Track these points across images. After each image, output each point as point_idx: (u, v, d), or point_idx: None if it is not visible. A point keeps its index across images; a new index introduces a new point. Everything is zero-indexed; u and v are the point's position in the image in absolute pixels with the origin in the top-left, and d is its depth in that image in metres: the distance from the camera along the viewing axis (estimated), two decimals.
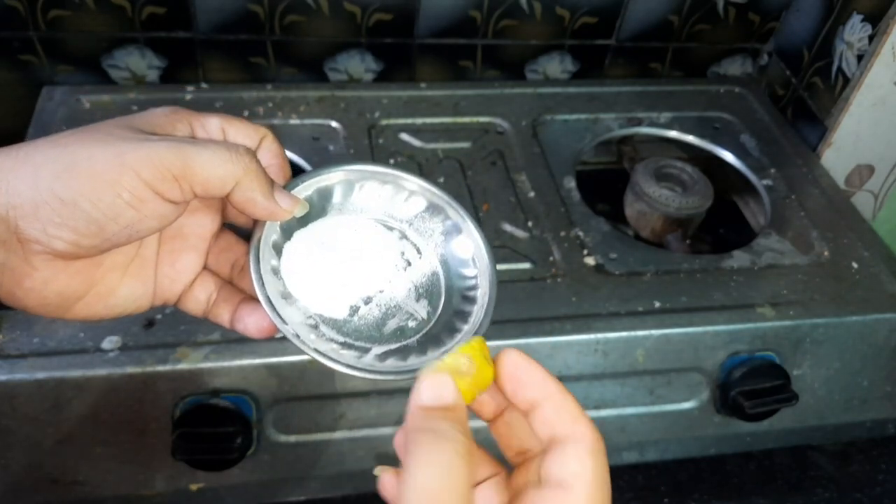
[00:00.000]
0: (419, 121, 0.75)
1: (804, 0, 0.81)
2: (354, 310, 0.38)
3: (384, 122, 0.74)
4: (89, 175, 0.30)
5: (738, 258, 0.65)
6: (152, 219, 0.31)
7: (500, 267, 0.62)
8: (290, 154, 0.70)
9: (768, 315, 0.59)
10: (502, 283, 0.60)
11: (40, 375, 0.49)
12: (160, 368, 0.51)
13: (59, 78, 0.75)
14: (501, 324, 0.56)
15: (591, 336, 0.56)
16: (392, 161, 0.70)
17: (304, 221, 0.38)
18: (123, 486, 0.54)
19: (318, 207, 0.39)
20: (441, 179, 0.69)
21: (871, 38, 0.71)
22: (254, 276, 0.34)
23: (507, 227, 0.65)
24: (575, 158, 0.73)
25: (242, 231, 0.38)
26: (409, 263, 0.40)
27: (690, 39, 0.86)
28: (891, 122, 0.76)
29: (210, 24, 0.75)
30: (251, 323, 0.36)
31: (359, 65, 0.81)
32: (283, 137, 0.71)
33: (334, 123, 0.73)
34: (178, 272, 0.37)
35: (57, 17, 0.71)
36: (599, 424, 0.60)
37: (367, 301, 0.38)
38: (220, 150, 0.32)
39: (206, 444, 0.51)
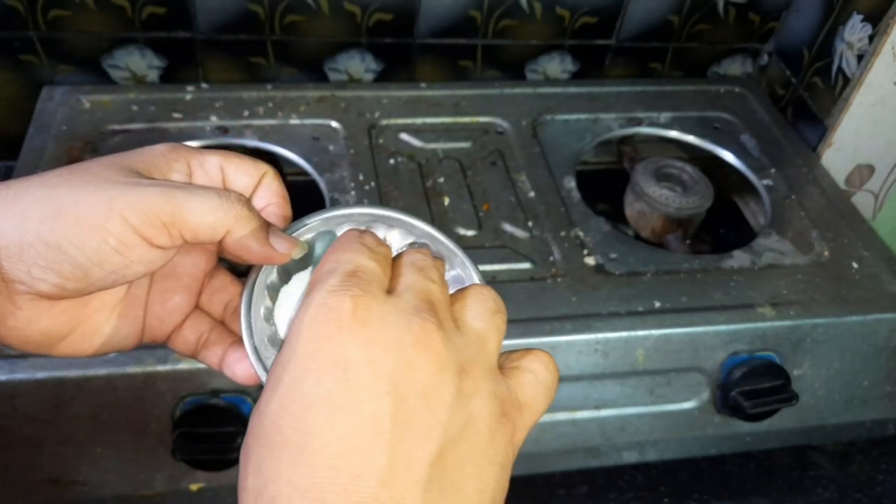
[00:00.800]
0: (419, 121, 0.75)
1: (804, 0, 0.81)
2: None
3: (384, 122, 0.74)
4: (76, 219, 0.29)
5: (739, 258, 0.65)
6: (139, 264, 0.31)
7: (500, 267, 0.62)
8: (290, 154, 0.70)
9: (768, 315, 0.59)
10: (503, 283, 0.60)
11: (40, 375, 0.49)
12: (160, 368, 0.51)
13: (60, 78, 0.75)
14: None
15: (591, 336, 0.56)
16: (392, 161, 0.70)
17: (304, 264, 0.36)
18: (123, 486, 0.54)
19: (321, 250, 0.37)
20: (441, 179, 0.69)
21: (871, 38, 0.71)
22: (243, 323, 0.33)
23: (507, 227, 0.65)
24: (575, 158, 0.73)
25: (239, 269, 0.37)
26: None
27: (690, 39, 0.86)
28: (891, 121, 0.76)
29: (210, 23, 0.75)
30: (239, 370, 0.35)
31: (359, 65, 0.81)
32: (284, 137, 0.71)
33: (334, 123, 0.73)
34: (168, 312, 0.36)
35: (57, 17, 0.71)
36: (600, 424, 0.60)
37: None
38: (212, 197, 0.31)
39: (206, 444, 0.51)
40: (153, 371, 0.51)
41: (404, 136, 0.73)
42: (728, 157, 0.77)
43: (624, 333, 0.57)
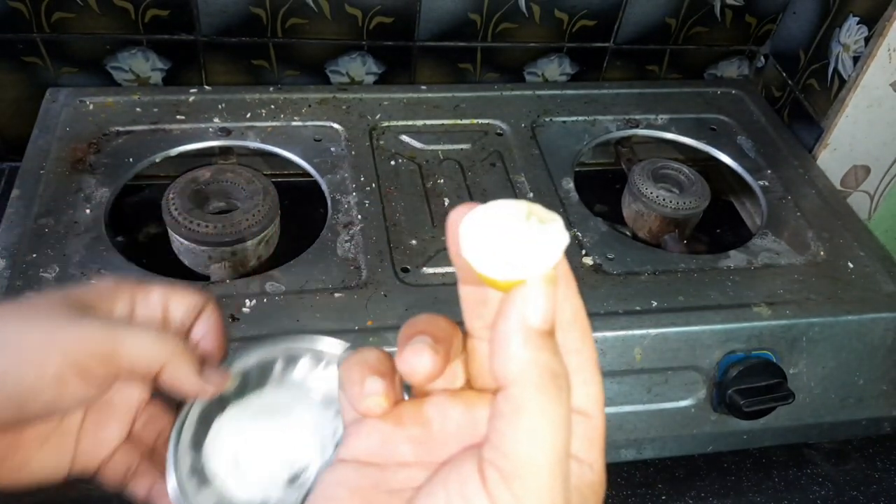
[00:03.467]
0: (419, 122, 0.76)
1: (800, 2, 0.82)
2: (274, 491, 0.36)
3: (385, 123, 0.75)
4: (17, 352, 0.30)
5: (735, 258, 0.65)
6: (74, 399, 0.31)
7: None
8: (292, 155, 0.70)
9: (764, 314, 0.60)
10: None
11: None
12: None
13: (63, 80, 0.76)
14: None
15: None
16: (392, 162, 0.71)
17: (240, 393, 0.37)
18: None
19: (257, 380, 0.38)
20: (441, 180, 0.70)
21: (867, 39, 0.72)
22: (170, 458, 0.34)
23: None
24: (573, 160, 0.74)
25: (175, 399, 0.37)
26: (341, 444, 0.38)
27: (688, 42, 0.87)
28: (886, 123, 0.76)
29: (213, 26, 0.75)
30: None
31: (360, 67, 0.81)
32: (286, 139, 0.72)
33: (336, 125, 0.74)
34: (99, 442, 0.36)
35: (61, 20, 0.72)
36: None
37: (293, 480, 0.36)
38: (149, 336, 0.33)
39: None
40: None
41: (405, 138, 0.74)
42: (724, 158, 0.78)
43: (621, 332, 0.57)
